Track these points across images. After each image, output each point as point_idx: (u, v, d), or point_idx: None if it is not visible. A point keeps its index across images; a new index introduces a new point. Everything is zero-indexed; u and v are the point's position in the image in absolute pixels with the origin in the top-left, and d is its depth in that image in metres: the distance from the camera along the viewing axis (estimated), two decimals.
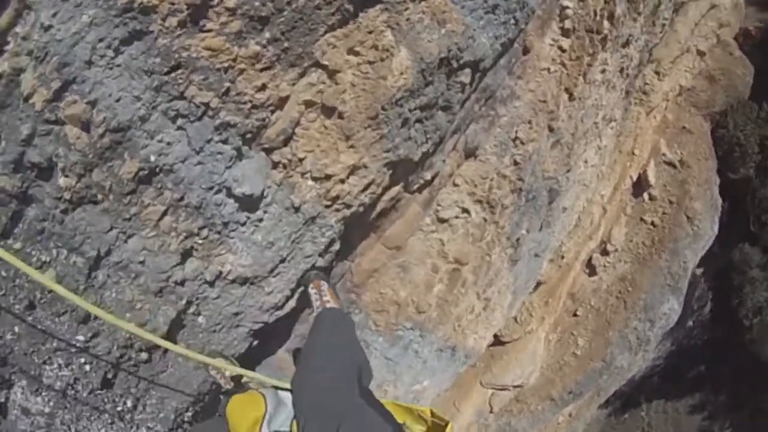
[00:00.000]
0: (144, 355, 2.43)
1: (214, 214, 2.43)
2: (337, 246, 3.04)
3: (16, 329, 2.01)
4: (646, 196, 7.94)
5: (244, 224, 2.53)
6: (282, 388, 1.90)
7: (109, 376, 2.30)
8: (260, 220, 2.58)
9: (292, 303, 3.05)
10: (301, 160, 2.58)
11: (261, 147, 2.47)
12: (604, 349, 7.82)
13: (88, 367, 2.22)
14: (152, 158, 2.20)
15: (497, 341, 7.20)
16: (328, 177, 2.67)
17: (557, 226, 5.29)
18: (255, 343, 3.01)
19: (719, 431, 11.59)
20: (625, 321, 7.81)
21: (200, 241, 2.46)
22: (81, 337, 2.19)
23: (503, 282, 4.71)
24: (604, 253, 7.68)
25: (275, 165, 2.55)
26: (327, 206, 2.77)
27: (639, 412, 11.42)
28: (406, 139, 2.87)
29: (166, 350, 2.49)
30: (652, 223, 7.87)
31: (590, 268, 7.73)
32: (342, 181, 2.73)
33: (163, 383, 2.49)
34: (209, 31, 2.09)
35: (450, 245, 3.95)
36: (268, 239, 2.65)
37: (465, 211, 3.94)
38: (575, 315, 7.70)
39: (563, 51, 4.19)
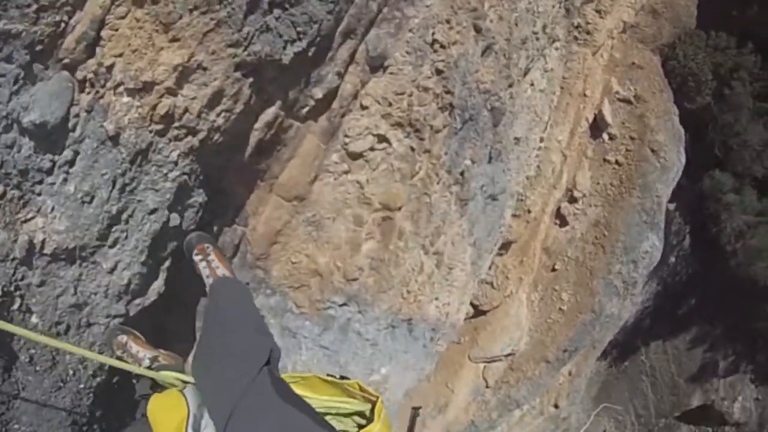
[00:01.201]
0: None
1: (6, 161, 1.80)
2: (200, 197, 2.46)
3: None
4: (605, 136, 7.66)
5: (50, 172, 1.90)
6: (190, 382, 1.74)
7: None
8: (70, 163, 1.93)
9: (157, 285, 2.40)
10: (109, 68, 1.95)
11: (59, 63, 1.87)
12: (591, 300, 7.51)
13: None
14: None
15: (477, 311, 6.85)
16: (147, 87, 2.01)
17: (512, 161, 4.77)
18: None
19: (722, 360, 11.47)
20: (607, 266, 7.52)
21: None
22: None
23: (455, 230, 4.09)
24: (572, 200, 7.37)
25: (82, 85, 1.93)
26: (159, 133, 2.11)
27: (639, 357, 11.23)
28: (261, 29, 2.21)
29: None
30: (617, 162, 7.60)
31: (561, 219, 7.42)
32: (171, 93, 2.08)
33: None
34: None
35: (372, 187, 3.26)
36: (84, 189, 1.98)
37: (382, 139, 3.24)
38: (554, 270, 7.38)
39: None
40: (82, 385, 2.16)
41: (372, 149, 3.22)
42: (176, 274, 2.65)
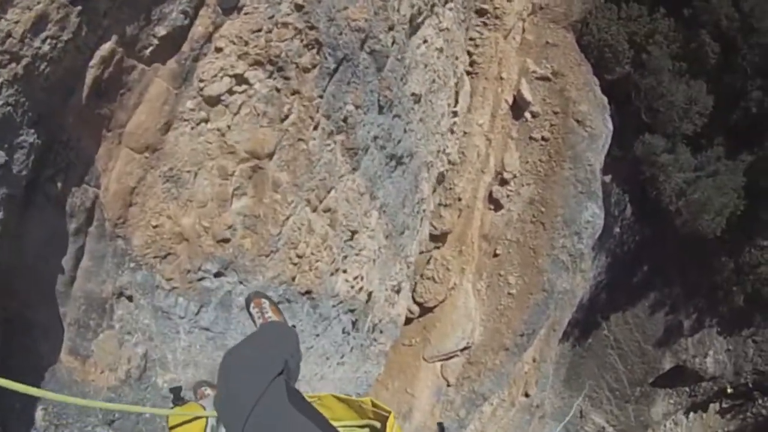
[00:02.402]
0: None
1: None
2: (30, 137, 2.18)
3: None
4: (528, 115, 7.64)
5: None
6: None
7: None
8: None
9: None
10: None
11: None
12: (539, 278, 7.41)
13: None
14: None
15: (423, 309, 6.64)
16: None
17: (414, 121, 4.51)
18: None
19: (686, 319, 11.57)
20: (550, 242, 7.44)
21: None
22: None
23: (348, 185, 3.74)
24: (503, 183, 7.28)
25: None
26: None
27: (601, 332, 11.22)
28: None
29: None
30: (543, 138, 7.57)
31: (494, 203, 7.31)
32: None
33: None
34: None
35: (235, 134, 2.99)
36: None
37: (241, 80, 2.98)
38: (496, 255, 7.25)
39: None
40: None
41: (231, 92, 2.95)
42: (15, 238, 2.39)
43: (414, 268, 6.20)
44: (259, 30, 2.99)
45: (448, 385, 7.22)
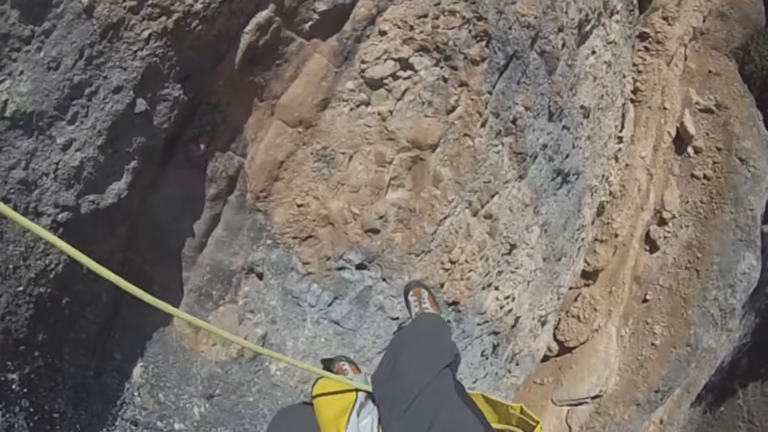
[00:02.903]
0: None
1: None
2: (175, 90, 2.11)
3: None
4: (690, 150, 6.95)
5: (28, 41, 1.73)
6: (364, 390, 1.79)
7: None
8: (47, 33, 1.76)
9: (118, 187, 2.09)
10: None
11: None
12: (686, 331, 6.66)
13: None
14: None
15: (562, 348, 6.11)
16: None
17: (582, 137, 4.15)
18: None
19: None
20: (702, 293, 6.68)
21: None
22: None
23: (512, 192, 3.41)
24: (662, 222, 6.63)
25: None
26: (133, 9, 1.90)
27: (735, 401, 10.03)
28: None
29: None
30: (705, 177, 6.85)
31: (650, 244, 6.66)
32: None
33: None
34: None
35: (396, 120, 2.75)
36: (52, 54, 1.78)
37: (406, 65, 2.75)
38: (645, 300, 6.59)
39: None
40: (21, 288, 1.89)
41: (394, 76, 2.72)
42: (149, 192, 2.34)
43: (562, 302, 5.75)
44: (425, 16, 2.77)
45: None
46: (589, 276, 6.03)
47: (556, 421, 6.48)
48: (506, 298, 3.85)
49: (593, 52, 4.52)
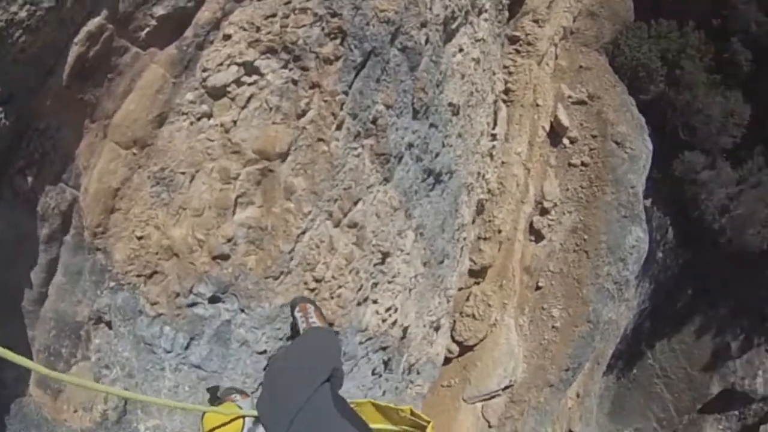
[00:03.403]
0: None
1: None
2: None
3: None
4: (566, 141, 7.38)
5: None
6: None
7: None
8: None
9: None
10: None
11: None
12: (584, 309, 7.08)
13: None
14: None
15: (463, 348, 6.36)
16: None
17: (452, 135, 4.18)
18: None
19: (733, 341, 11.02)
20: (594, 271, 7.12)
21: None
22: None
23: (378, 197, 3.29)
24: (544, 212, 7.01)
25: None
26: None
27: (646, 362, 10.72)
28: None
29: None
30: (582, 164, 7.29)
31: (535, 234, 7.03)
32: None
33: None
34: None
35: (241, 131, 2.57)
36: None
37: (252, 70, 2.60)
38: (538, 288, 6.95)
39: None
40: None
41: (238, 83, 2.58)
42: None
43: (453, 305, 5.95)
44: (274, 15, 2.65)
45: (490, 426, 6.89)
46: (477, 274, 6.30)
47: (473, 418, 6.72)
48: (387, 310, 3.79)
49: (461, 50, 4.51)
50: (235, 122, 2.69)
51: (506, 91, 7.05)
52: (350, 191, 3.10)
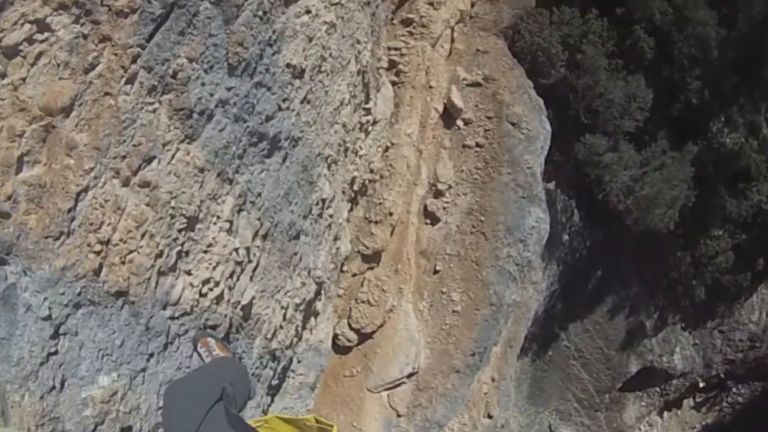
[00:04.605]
0: None
1: None
2: None
3: None
4: (460, 123, 7.33)
5: None
6: None
7: None
8: None
9: None
10: None
11: None
12: (485, 292, 7.00)
13: None
14: None
15: (361, 335, 6.14)
16: None
17: (292, 96, 4.00)
18: None
19: (647, 319, 11.35)
20: (494, 252, 7.06)
21: None
22: None
23: (177, 155, 3.12)
24: (438, 195, 6.91)
25: None
26: None
27: (561, 344, 10.89)
28: None
29: None
30: (477, 145, 7.26)
31: (430, 217, 6.92)
32: None
33: None
34: None
35: (29, 88, 2.54)
36: None
37: (44, 27, 2.53)
38: (436, 272, 6.83)
39: None
40: None
41: (30, 41, 2.52)
42: None
43: (335, 289, 5.69)
44: None
45: (398, 416, 6.68)
46: (370, 259, 6.12)
47: (380, 408, 6.50)
48: (206, 283, 3.50)
49: (308, 11, 4.34)
50: (24, 80, 2.58)
51: (397, 73, 6.94)
52: (140, 148, 2.93)
